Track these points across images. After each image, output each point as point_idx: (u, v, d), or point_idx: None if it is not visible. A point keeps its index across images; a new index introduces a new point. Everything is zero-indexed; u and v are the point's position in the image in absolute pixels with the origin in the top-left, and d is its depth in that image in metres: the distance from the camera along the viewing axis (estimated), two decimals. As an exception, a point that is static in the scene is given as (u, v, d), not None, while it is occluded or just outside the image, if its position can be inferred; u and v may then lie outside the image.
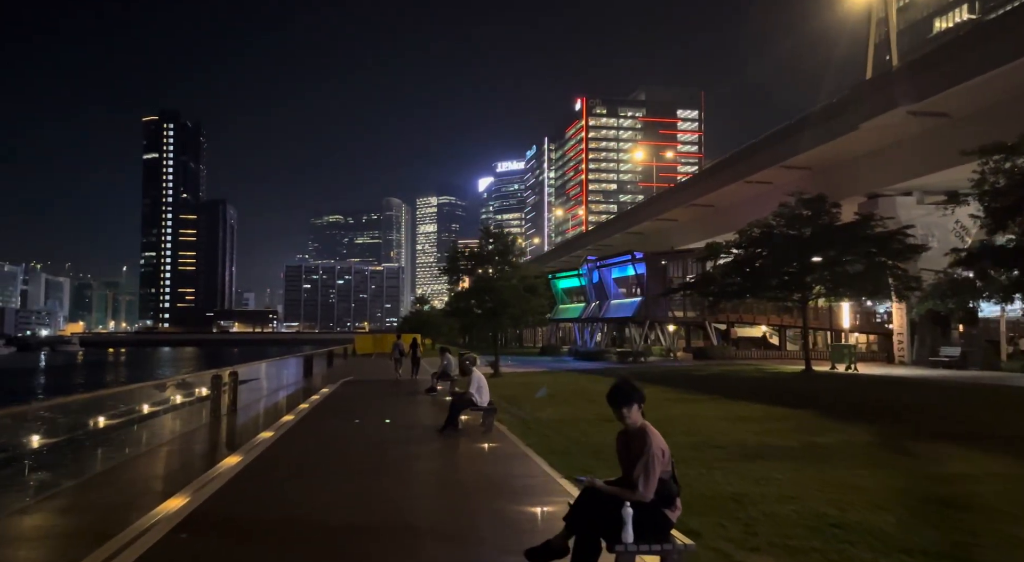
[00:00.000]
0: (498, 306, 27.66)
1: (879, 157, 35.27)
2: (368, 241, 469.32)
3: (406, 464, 9.70)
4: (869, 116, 29.84)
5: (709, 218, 53.59)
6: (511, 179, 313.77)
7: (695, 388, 21.22)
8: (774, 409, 15.24)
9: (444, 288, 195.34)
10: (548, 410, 15.62)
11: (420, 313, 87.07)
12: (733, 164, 43.90)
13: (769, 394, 18.98)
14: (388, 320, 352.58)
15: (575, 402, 17.43)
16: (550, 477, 8.57)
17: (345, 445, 11.50)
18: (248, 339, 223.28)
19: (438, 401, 18.69)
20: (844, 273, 24.22)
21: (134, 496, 7.98)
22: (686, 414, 14.46)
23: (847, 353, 29.17)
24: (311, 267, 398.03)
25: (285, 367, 31.99)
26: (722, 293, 27.72)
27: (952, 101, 27.72)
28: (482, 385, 12.72)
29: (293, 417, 15.46)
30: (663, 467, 4.54)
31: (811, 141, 35.38)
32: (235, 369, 17.88)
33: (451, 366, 21.28)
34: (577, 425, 13.25)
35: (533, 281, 30.03)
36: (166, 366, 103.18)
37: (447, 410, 14.44)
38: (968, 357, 29.83)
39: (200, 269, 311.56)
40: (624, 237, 66.83)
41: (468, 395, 12.64)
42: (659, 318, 42.73)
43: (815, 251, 24.53)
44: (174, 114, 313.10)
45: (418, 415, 15.70)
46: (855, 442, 10.70)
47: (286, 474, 9.13)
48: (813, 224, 25.09)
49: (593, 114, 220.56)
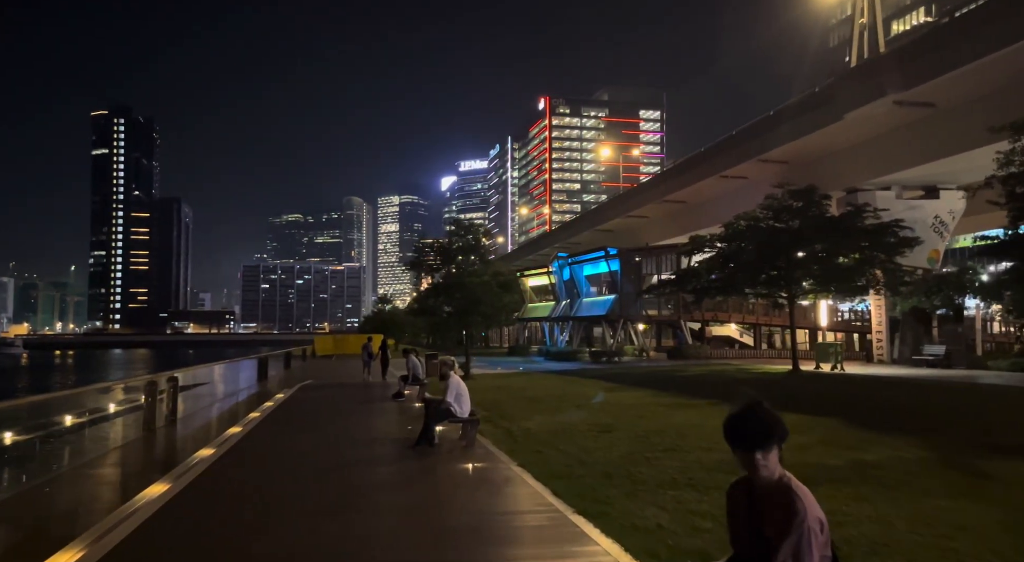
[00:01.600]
0: (469, 304, 25.80)
1: (859, 151, 34.31)
2: (328, 240, 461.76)
3: (372, 496, 7.77)
4: (855, 105, 28.72)
5: (681, 215, 52.41)
6: (474, 178, 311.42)
7: (686, 391, 19.64)
8: (787, 416, 13.62)
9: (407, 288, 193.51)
10: (535, 419, 13.81)
11: (382, 313, 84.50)
12: (709, 158, 42.68)
13: (770, 398, 17.40)
14: (349, 320, 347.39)
15: (562, 408, 15.67)
16: (559, 513, 6.75)
17: (297, 468, 9.52)
18: (204, 340, 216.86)
19: (406, 408, 16.76)
20: (836, 268, 22.95)
21: (7, 551, 5.96)
22: (692, 423, 12.80)
23: (833, 352, 28.00)
24: (270, 267, 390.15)
25: (237, 370, 29.77)
26: (706, 289, 26.26)
27: (940, 90, 26.72)
28: (461, 392, 10.86)
29: (240, 429, 13.41)
30: (822, 549, 2.68)
31: (791, 133, 34.25)
32: (175, 374, 15.71)
33: (418, 369, 19.37)
34: (571, 437, 11.48)
35: (506, 277, 28.22)
36: (116, 369, 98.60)
37: (417, 419, 12.58)
38: (953, 356, 28.93)
39: (153, 269, 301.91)
40: (592, 235, 65.42)
41: (445, 404, 10.76)
42: (633, 317, 41.27)
43: (805, 244, 23.23)
44: (125, 109, 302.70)
45: (385, 426, 13.74)
46: (908, 459, 9.12)
47: (220, 513, 7.16)
48: (803, 216, 23.77)
49: (556, 113, 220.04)
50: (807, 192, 24.20)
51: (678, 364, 34.37)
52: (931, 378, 23.49)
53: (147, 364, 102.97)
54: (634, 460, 9.39)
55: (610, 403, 16.85)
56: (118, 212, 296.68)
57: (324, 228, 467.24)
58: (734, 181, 43.32)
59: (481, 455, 10.04)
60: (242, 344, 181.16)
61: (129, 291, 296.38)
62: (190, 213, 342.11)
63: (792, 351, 26.07)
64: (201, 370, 25.15)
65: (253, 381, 27.95)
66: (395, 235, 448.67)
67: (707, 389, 20.22)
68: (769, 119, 36.52)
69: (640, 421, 13.28)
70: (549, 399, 17.88)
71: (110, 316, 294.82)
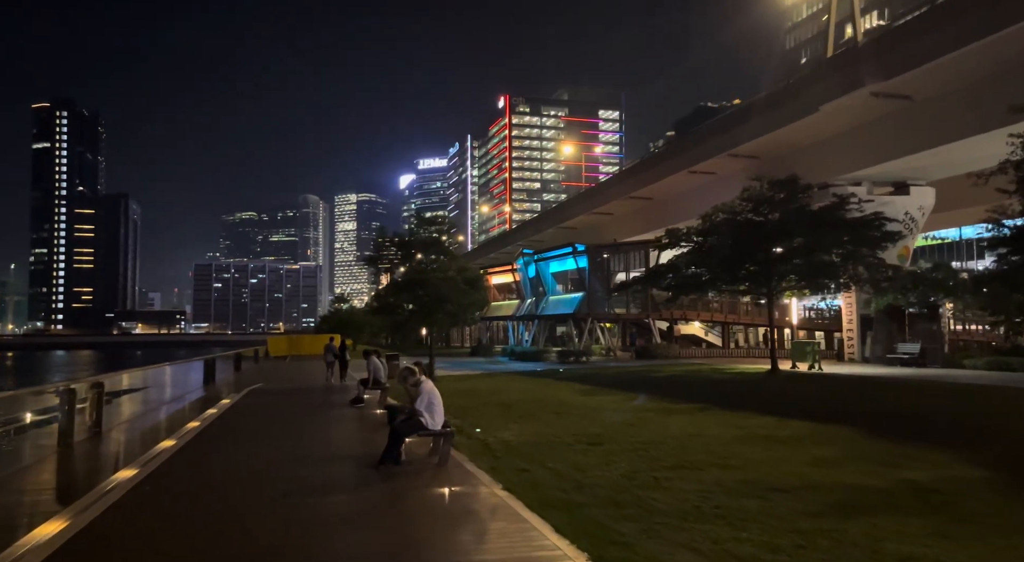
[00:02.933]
0: (433, 302, 24.16)
1: (831, 146, 33.68)
2: (284, 239, 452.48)
3: (326, 537, 6.10)
4: (831, 96, 27.91)
5: (647, 211, 51.51)
6: (434, 176, 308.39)
7: (669, 394, 18.34)
8: (789, 423, 12.42)
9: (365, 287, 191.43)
10: (513, 428, 12.30)
11: (340, 312, 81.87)
12: (678, 153, 41.74)
13: (761, 401, 16.28)
14: (305, 320, 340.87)
15: (540, 415, 14.17)
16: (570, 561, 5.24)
17: (233, 497, 7.80)
18: (153, 341, 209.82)
19: (366, 416, 15.09)
20: (820, 262, 21.96)
21: None
22: (690, 432, 11.43)
23: (810, 351, 27.11)
24: (222, 265, 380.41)
25: (179, 373, 27.71)
26: (682, 285, 25.06)
27: (918, 82, 26.06)
28: (434, 401, 9.26)
29: (175, 443, 11.62)
30: None
31: (764, 126, 33.43)
32: (100, 379, 13.78)
33: (380, 371, 17.65)
34: (559, 451, 10.00)
35: (472, 273, 26.65)
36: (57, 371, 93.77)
37: (379, 429, 10.98)
38: (928, 355, 28.35)
39: (99, 267, 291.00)
40: (556, 232, 64.18)
41: (415, 415, 9.15)
42: (602, 315, 40.05)
43: (789, 237, 22.20)
44: (68, 102, 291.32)
45: (343, 439, 12.05)
46: (962, 478, 7.87)
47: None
48: (784, 208, 22.73)
49: (516, 112, 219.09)
50: (789, 183, 23.18)
51: (649, 364, 33.23)
52: (916, 378, 22.66)
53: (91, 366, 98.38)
54: (640, 481, 7.95)
55: (590, 408, 15.43)
56: (61, 208, 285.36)
57: (279, 226, 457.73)
58: (702, 177, 42.50)
59: (458, 476, 8.46)
60: (193, 345, 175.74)
61: (73, 290, 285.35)
62: (138, 210, 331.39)
63: (771, 350, 25.05)
64: (139, 373, 23.11)
65: (198, 385, 25.89)
66: (352, 234, 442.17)
67: (689, 392, 18.95)
68: (741, 112, 35.70)
69: (631, 430, 11.87)
70: (523, 404, 16.38)
71: (52, 316, 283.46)
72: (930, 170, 32.49)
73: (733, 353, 40.76)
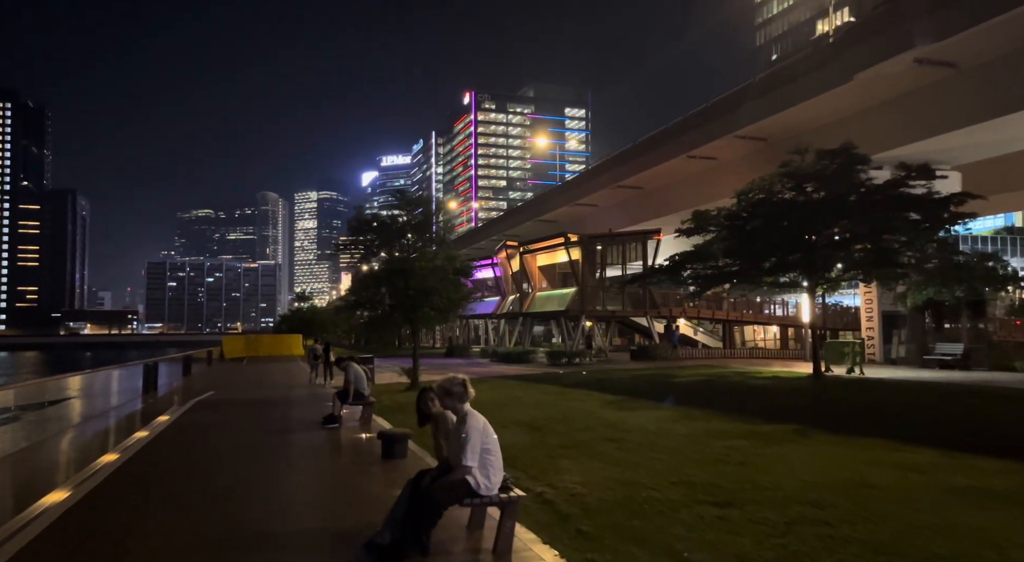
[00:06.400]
0: (418, 295, 20.19)
1: (849, 125, 30.53)
2: (242, 237, 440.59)
3: None
4: (870, 62, 24.68)
5: (636, 202, 48.16)
6: (397, 174, 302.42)
7: (722, 408, 14.67)
8: (957, 456, 8.85)
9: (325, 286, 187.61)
10: (569, 468, 8.48)
11: (301, 312, 76.92)
12: (676, 135, 38.32)
13: (850, 418, 12.80)
14: (264, 320, 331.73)
15: (590, 444, 10.36)
16: None
17: None
18: (102, 342, 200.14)
19: (347, 444, 11.17)
20: (888, 247, 18.55)
21: None
22: (842, 477, 7.76)
23: (848, 352, 23.78)
24: (177, 264, 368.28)
25: (111, 381, 23.27)
26: (713, 277, 21.46)
27: (969, 45, 22.99)
28: (490, 445, 5.39)
29: (67, 494, 7.68)
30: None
31: (779, 102, 30.15)
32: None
33: (362, 382, 13.67)
34: (672, 520, 6.21)
35: (463, 262, 22.77)
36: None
37: (368, 467, 7.19)
38: (973, 356, 25.31)
39: (44, 265, 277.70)
40: (535, 225, 60.53)
41: (460, 472, 5.27)
42: (597, 313, 36.42)
43: (846, 217, 18.78)
44: (11, 93, 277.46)
45: (314, 493, 8.03)
46: None
47: None
48: (839, 183, 19.29)
49: (482, 109, 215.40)
50: (842, 153, 19.73)
51: (652, 366, 29.69)
52: (980, 383, 19.48)
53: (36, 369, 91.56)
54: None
55: (643, 430, 11.70)
56: (4, 204, 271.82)
57: (237, 224, 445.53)
58: (701, 163, 39.27)
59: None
60: (145, 346, 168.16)
61: (16, 289, 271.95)
62: (87, 206, 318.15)
63: (813, 352, 21.61)
64: (52, 382, 18.75)
65: (136, 394, 21.55)
66: (313, 232, 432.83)
67: (742, 404, 15.30)
68: (754, 86, 32.35)
69: (743, 472, 8.14)
70: (552, 424, 12.56)
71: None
72: (958, 152, 29.60)
73: (736, 354, 37.53)
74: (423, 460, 9.41)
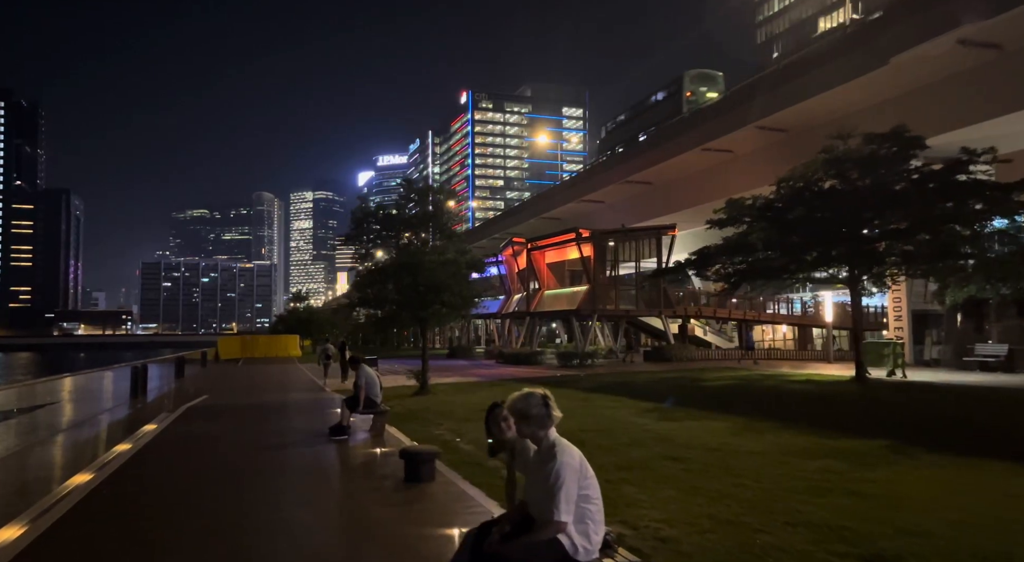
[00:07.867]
0: (428, 291, 18.59)
1: (880, 113, 29.00)
2: (237, 237, 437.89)
3: None
4: (908, 44, 23.16)
5: (644, 198, 46.59)
6: (393, 173, 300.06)
7: (770, 416, 13.11)
8: None
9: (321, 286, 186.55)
10: (637, 497, 6.86)
11: (297, 312, 75.27)
12: (693, 125, 36.75)
13: (927, 429, 11.24)
14: (260, 321, 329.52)
15: (649, 463, 8.75)
16: None
17: None
18: (97, 342, 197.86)
19: (359, 462, 9.59)
20: (951, 239, 16.96)
21: None
22: (1002, 518, 6.16)
23: (888, 353, 22.19)
24: (172, 264, 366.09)
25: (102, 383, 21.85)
26: (751, 272, 19.82)
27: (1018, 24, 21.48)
28: (590, 492, 3.79)
29: (18, 532, 6.13)
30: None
31: (807, 90, 28.57)
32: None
33: (374, 387, 12.03)
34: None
35: (475, 256, 21.18)
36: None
37: (390, 495, 5.80)
38: (1016, 357, 23.78)
39: (38, 265, 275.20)
40: (538, 222, 58.80)
41: (551, 528, 3.66)
42: (607, 312, 34.81)
43: (902, 206, 17.19)
44: (5, 92, 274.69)
45: (325, 530, 6.41)
46: None
47: None
48: (888, 169, 17.72)
49: (479, 108, 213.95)
50: (893, 137, 18.13)
51: (670, 369, 28.10)
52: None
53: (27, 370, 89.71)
54: None
55: (705, 447, 10.11)
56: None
57: (232, 224, 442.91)
58: (716, 156, 37.72)
59: None
60: (140, 346, 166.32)
61: (10, 289, 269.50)
62: (81, 206, 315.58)
63: (856, 354, 20.02)
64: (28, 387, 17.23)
65: (123, 399, 19.94)
66: (308, 232, 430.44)
67: (788, 412, 13.72)
68: (772, 74, 30.79)
69: (869, 510, 6.53)
70: (593, 436, 10.97)
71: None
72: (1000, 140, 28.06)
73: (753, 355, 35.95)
74: (454, 485, 7.82)
